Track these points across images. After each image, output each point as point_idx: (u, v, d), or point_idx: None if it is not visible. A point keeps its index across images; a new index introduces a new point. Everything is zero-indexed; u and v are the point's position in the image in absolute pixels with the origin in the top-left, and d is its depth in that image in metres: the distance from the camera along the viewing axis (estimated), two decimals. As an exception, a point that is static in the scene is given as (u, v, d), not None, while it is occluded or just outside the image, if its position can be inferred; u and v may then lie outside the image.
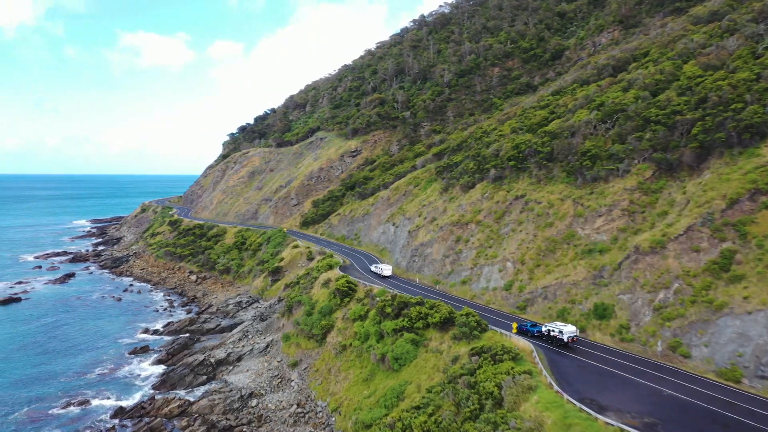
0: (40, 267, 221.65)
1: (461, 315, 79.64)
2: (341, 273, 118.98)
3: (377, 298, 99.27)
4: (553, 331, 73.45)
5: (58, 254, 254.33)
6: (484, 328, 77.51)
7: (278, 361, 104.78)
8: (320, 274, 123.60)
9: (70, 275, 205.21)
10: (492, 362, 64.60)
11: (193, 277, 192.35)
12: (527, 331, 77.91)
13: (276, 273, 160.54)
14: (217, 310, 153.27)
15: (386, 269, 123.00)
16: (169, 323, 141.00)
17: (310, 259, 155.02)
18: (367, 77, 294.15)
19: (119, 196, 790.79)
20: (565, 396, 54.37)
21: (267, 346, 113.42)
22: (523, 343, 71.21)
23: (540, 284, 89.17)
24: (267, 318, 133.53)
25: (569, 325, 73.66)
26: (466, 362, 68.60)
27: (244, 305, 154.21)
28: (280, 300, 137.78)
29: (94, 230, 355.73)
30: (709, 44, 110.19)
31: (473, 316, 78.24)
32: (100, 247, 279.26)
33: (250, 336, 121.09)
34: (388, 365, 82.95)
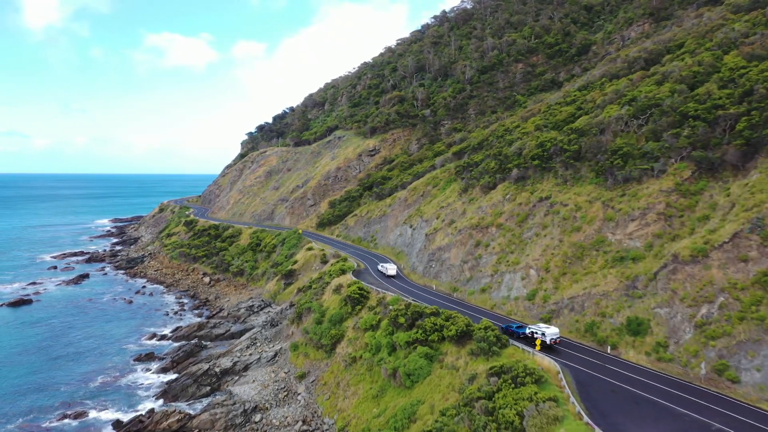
0: (55, 267, 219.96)
1: (479, 329, 72.75)
2: (354, 278, 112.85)
3: (390, 307, 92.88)
4: (536, 333, 72.79)
5: (75, 254, 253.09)
6: (504, 343, 70.56)
7: (285, 372, 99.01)
8: (332, 279, 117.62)
9: (84, 276, 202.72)
10: (513, 385, 57.67)
11: (207, 279, 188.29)
12: (513, 332, 77.22)
13: (289, 276, 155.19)
14: (228, 314, 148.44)
15: (390, 269, 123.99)
16: (177, 328, 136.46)
17: (324, 262, 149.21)
18: (387, 75, 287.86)
19: (142, 195, 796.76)
20: (597, 430, 47.28)
21: (275, 355, 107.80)
22: (547, 362, 64.14)
23: (566, 294, 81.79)
24: (277, 324, 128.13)
25: (552, 327, 73.11)
26: (483, 383, 61.74)
27: (255, 309, 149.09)
28: (291, 305, 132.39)
29: (113, 230, 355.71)
30: (752, 33, 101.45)
31: (492, 330, 71.29)
32: (118, 247, 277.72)
33: (258, 344, 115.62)
34: (400, 381, 76.51)
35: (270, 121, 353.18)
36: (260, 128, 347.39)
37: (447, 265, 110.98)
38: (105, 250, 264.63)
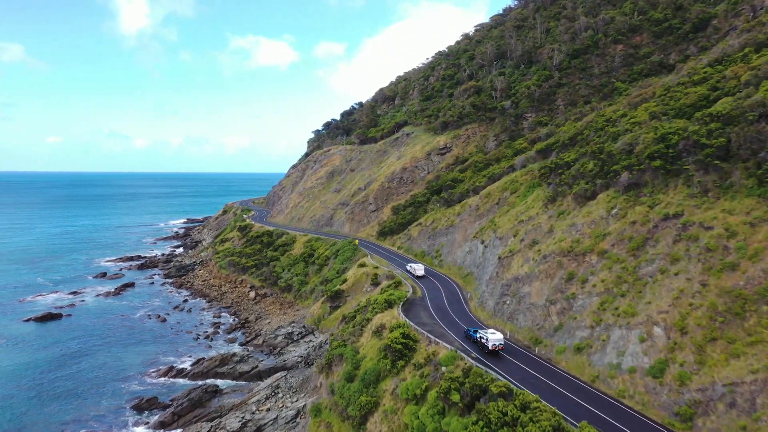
0: (104, 274, 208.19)
1: (577, 442, 43.93)
2: (401, 317, 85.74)
3: (443, 369, 65.46)
4: (482, 337, 73.11)
5: (131, 258, 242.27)
6: (621, 476, 41.40)
7: (301, 448, 73.73)
8: (374, 314, 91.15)
9: (129, 285, 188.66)
10: None
11: (252, 294, 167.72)
12: (470, 336, 77.15)
13: (336, 298, 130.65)
14: (264, 342, 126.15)
15: (419, 269, 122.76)
16: (199, 360, 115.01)
17: (375, 283, 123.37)
18: (463, 64, 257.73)
19: (224, 194, 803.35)
20: None
21: (296, 415, 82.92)
22: None
23: (720, 376, 50.84)
24: (312, 362, 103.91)
25: (497, 333, 72.83)
26: None
27: (295, 338, 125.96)
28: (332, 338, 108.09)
29: (181, 231, 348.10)
30: None
31: (600, 451, 42.29)
32: (178, 250, 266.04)
33: (280, 394, 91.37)
34: (447, 506, 49.05)
35: (338, 117, 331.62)
36: (327, 125, 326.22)
37: (526, 303, 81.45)
38: (163, 255, 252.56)
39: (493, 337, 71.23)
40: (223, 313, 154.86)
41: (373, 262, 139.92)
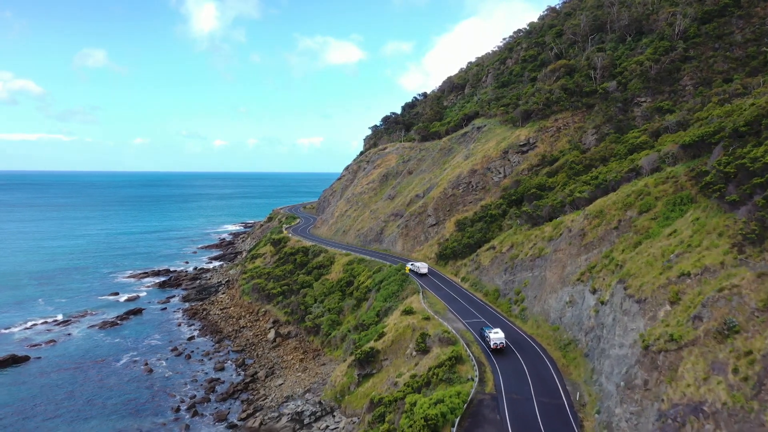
0: (116, 294, 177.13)
1: None
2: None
3: None
4: (488, 336, 75.27)
5: (157, 273, 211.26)
6: None
7: None
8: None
9: (135, 312, 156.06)
10: None
11: (272, 335, 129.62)
12: (482, 333, 79.66)
13: (367, 362, 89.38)
14: (261, 425, 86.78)
15: (422, 268, 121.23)
16: (155, 461, 76.76)
17: (422, 350, 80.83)
18: (549, 41, 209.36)
19: (290, 195, 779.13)
20: None
21: None
22: None
23: None
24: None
25: (500, 333, 75.02)
26: None
27: (305, 419, 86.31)
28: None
29: (228, 238, 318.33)
30: None
31: None
32: (213, 263, 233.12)
33: None
34: None
35: (398, 111, 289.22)
36: (385, 120, 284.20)
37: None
38: (194, 269, 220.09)
39: (495, 336, 74.02)
40: (229, 362, 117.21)
41: (425, 306, 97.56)
